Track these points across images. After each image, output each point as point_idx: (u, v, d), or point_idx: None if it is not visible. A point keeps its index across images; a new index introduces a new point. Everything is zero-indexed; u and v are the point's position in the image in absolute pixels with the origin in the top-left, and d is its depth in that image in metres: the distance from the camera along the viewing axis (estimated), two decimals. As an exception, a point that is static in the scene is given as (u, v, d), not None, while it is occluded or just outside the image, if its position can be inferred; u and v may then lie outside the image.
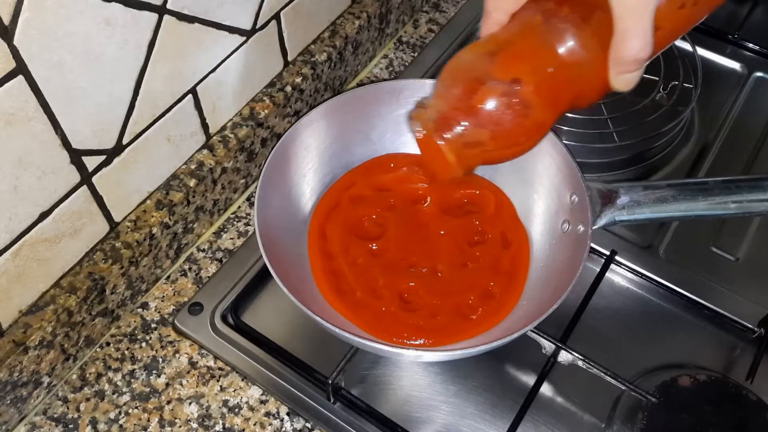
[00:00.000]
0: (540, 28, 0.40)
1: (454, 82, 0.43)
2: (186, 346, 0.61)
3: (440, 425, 0.57)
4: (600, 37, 0.39)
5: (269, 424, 0.57)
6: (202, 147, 0.65)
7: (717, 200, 0.55)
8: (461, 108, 0.42)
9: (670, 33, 0.41)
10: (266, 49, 0.67)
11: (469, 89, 0.41)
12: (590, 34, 0.40)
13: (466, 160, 0.44)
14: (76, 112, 0.50)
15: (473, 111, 0.41)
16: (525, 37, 0.41)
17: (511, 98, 0.40)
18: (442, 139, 0.43)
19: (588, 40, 0.40)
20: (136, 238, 0.59)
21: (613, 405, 0.58)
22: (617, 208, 0.55)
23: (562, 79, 0.41)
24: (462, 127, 0.42)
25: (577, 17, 0.40)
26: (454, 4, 0.89)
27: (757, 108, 0.79)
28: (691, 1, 0.40)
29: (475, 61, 0.42)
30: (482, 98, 0.41)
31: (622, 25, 0.37)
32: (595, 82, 0.41)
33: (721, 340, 0.62)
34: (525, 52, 0.41)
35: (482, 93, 0.41)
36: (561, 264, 0.57)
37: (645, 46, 0.37)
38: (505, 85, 0.40)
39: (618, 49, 0.38)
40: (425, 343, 0.56)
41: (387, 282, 0.59)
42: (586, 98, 0.43)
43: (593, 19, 0.39)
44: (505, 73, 0.41)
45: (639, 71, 0.39)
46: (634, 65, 0.39)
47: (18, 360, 0.52)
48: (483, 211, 0.64)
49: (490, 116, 0.41)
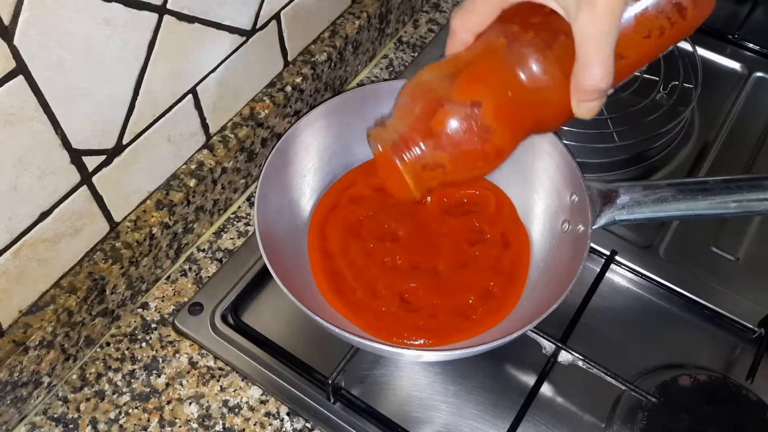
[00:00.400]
0: (503, 52, 0.40)
1: (414, 102, 0.42)
2: (186, 346, 0.61)
3: (440, 425, 0.57)
4: (562, 64, 0.38)
5: (269, 424, 0.57)
6: (202, 147, 0.65)
7: (717, 200, 0.55)
8: (420, 129, 0.41)
9: (635, 62, 0.40)
10: (266, 49, 0.67)
11: (428, 110, 0.40)
12: (553, 60, 0.39)
13: (423, 181, 0.43)
14: (76, 112, 0.50)
15: (432, 133, 0.40)
16: (487, 59, 0.40)
17: (471, 121, 0.40)
18: (401, 161, 0.42)
19: (550, 66, 0.39)
20: (136, 238, 0.59)
21: (613, 405, 0.58)
22: (617, 208, 0.55)
23: (524, 104, 0.40)
24: (420, 150, 0.41)
25: (541, 42, 0.39)
26: (454, 4, 0.89)
27: (757, 108, 0.79)
28: (657, 31, 0.39)
29: (436, 81, 0.41)
30: (441, 120, 0.40)
31: (583, 52, 0.37)
32: (557, 109, 0.40)
33: (721, 340, 0.62)
34: (486, 75, 0.40)
35: (441, 115, 0.40)
36: (561, 264, 0.57)
37: (605, 76, 0.37)
38: (465, 107, 0.40)
39: (579, 77, 0.37)
40: (425, 343, 0.56)
41: (387, 282, 0.59)
42: (548, 124, 0.42)
43: (556, 45, 0.39)
44: (466, 96, 0.40)
45: (600, 100, 0.38)
46: (594, 94, 0.38)
47: (18, 360, 0.52)
48: (483, 211, 0.64)
49: (449, 139, 0.40)
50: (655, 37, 0.39)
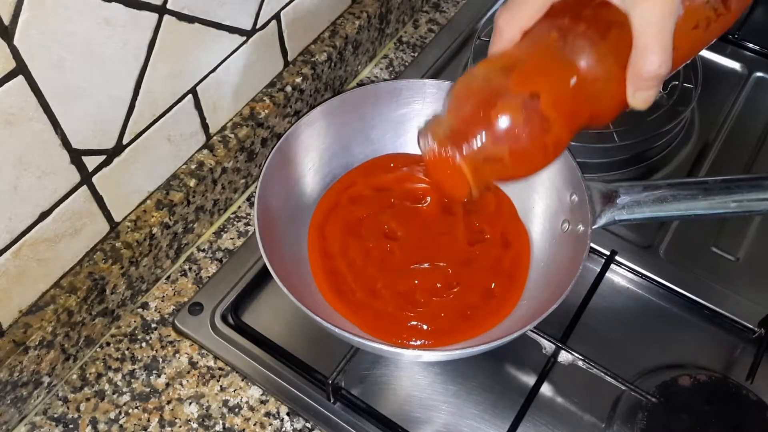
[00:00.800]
0: (556, 45, 0.40)
1: (469, 97, 0.42)
2: (186, 346, 0.61)
3: (440, 425, 0.57)
4: (617, 54, 0.39)
5: (269, 424, 0.57)
6: (202, 147, 0.65)
7: (717, 200, 0.54)
8: (478, 122, 0.41)
9: (683, 55, 0.41)
10: (266, 49, 0.67)
11: (486, 104, 0.40)
12: (607, 50, 0.39)
13: (482, 176, 0.42)
14: (76, 112, 0.50)
15: (491, 125, 0.40)
16: (541, 53, 0.40)
17: (531, 112, 0.40)
18: (460, 155, 0.41)
19: (606, 57, 0.39)
20: (136, 238, 0.59)
21: (613, 405, 0.58)
22: (617, 208, 0.55)
23: (581, 95, 0.40)
24: (480, 142, 0.41)
25: (595, 34, 0.39)
26: (454, 4, 0.89)
27: (757, 108, 0.79)
28: (704, 22, 0.39)
29: (490, 76, 0.41)
30: (501, 112, 0.40)
31: (643, 40, 0.37)
32: (612, 100, 0.41)
33: (721, 340, 0.62)
34: (543, 67, 0.40)
35: (501, 107, 0.40)
36: (561, 264, 0.57)
37: (665, 62, 0.37)
38: (525, 98, 0.40)
39: (637, 65, 0.38)
40: (425, 343, 0.56)
41: (387, 282, 0.59)
42: (603, 116, 0.42)
43: (610, 35, 0.39)
44: (524, 87, 0.40)
45: (657, 88, 0.39)
46: (653, 81, 0.38)
47: (18, 360, 0.52)
48: (483, 211, 0.64)
49: (509, 130, 0.40)
50: (702, 29, 0.40)
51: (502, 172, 0.42)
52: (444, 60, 0.81)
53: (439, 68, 0.81)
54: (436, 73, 0.80)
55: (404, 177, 0.66)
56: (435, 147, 0.43)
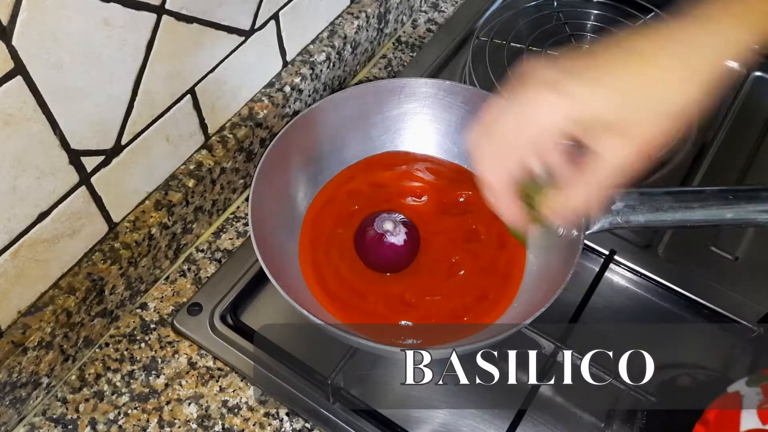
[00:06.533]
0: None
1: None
2: (185, 346, 0.61)
3: (440, 425, 0.57)
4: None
5: (269, 424, 0.57)
6: (200, 147, 0.65)
7: (713, 210, 0.54)
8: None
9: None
10: (265, 49, 0.67)
11: None
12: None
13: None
14: (74, 113, 0.50)
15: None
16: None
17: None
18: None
19: None
20: (135, 238, 0.59)
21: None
22: (612, 214, 0.55)
23: None
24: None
25: None
26: (452, 4, 0.89)
27: (756, 108, 0.79)
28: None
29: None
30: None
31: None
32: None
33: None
34: None
35: None
36: (554, 267, 0.57)
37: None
38: None
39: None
40: (415, 343, 0.56)
41: (380, 281, 0.59)
42: None
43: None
44: None
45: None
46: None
47: (17, 361, 0.52)
48: (479, 212, 0.63)
49: None
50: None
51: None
52: (443, 59, 0.81)
53: (437, 68, 0.81)
54: (435, 72, 0.80)
55: (402, 175, 0.66)
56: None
